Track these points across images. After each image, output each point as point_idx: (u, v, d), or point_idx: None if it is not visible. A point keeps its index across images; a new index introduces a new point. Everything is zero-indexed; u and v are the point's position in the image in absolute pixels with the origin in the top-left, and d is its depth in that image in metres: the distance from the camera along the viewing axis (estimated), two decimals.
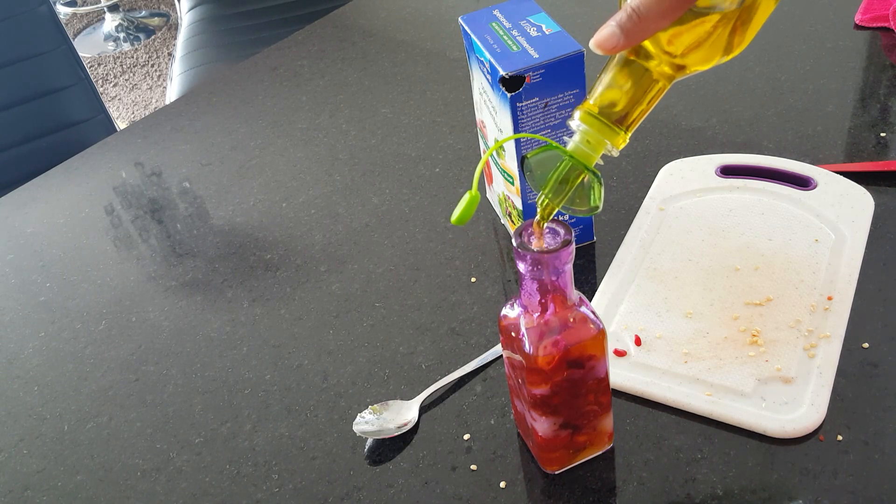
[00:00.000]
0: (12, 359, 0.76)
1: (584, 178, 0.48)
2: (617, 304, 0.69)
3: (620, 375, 0.63)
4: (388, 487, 0.60)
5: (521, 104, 0.65)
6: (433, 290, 0.75)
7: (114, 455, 0.66)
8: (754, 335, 0.64)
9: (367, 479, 0.61)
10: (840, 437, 0.58)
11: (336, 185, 0.89)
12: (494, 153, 0.73)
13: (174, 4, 3.19)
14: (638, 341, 0.65)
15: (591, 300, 0.70)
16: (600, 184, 0.48)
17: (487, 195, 0.82)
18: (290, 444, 0.64)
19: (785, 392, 0.60)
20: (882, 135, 0.82)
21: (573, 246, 0.47)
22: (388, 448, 0.62)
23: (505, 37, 0.67)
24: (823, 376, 0.61)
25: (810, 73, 0.92)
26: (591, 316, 0.52)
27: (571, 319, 0.51)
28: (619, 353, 0.65)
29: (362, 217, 0.84)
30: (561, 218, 0.49)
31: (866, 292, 0.67)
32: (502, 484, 0.59)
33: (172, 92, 1.65)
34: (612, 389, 0.62)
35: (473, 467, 0.60)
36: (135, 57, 3.06)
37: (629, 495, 0.57)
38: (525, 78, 0.64)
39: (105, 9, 3.23)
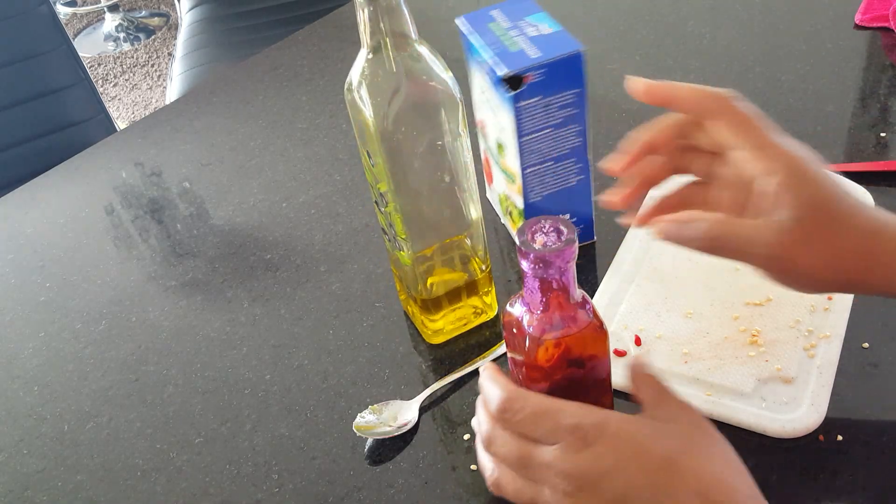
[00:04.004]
0: (12, 359, 0.76)
1: None
2: (617, 304, 0.69)
3: (620, 375, 0.63)
4: (388, 487, 0.60)
5: (521, 104, 0.65)
6: None
7: (114, 455, 0.66)
8: (754, 335, 0.64)
9: (367, 479, 0.61)
10: (840, 437, 0.58)
11: (336, 185, 0.89)
12: (495, 153, 0.73)
13: (174, 4, 3.19)
14: (638, 341, 0.65)
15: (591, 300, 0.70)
16: None
17: (487, 195, 0.82)
18: (290, 444, 0.64)
19: (785, 392, 0.60)
20: (882, 135, 0.82)
21: (576, 245, 0.47)
22: (388, 448, 0.62)
23: (504, 37, 0.67)
24: (823, 376, 0.61)
25: (810, 73, 0.92)
26: (594, 316, 0.52)
27: (573, 318, 0.51)
28: (619, 353, 0.65)
29: (362, 217, 0.84)
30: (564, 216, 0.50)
31: None
32: None
33: (172, 92, 1.65)
34: (613, 390, 0.62)
35: (473, 467, 0.60)
36: (135, 57, 3.06)
37: None
38: (526, 77, 0.64)
39: (105, 9, 3.23)
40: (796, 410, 0.59)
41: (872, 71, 0.91)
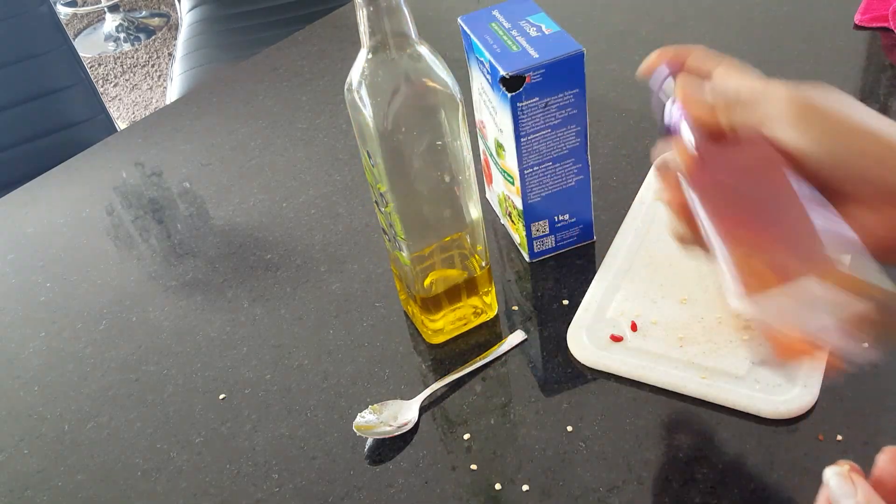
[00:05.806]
0: (13, 359, 0.76)
1: None
2: (613, 292, 0.70)
3: (617, 360, 0.64)
4: (388, 487, 0.60)
5: (521, 104, 0.65)
6: None
7: (114, 455, 0.66)
8: (748, 319, 0.65)
9: (367, 479, 0.61)
10: (840, 437, 0.58)
11: (336, 185, 0.89)
12: (494, 153, 0.73)
13: (174, 4, 3.19)
14: (634, 327, 0.66)
15: (587, 290, 0.70)
16: None
17: (487, 195, 0.82)
18: (290, 444, 0.64)
19: (778, 374, 0.61)
20: None
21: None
22: (388, 448, 0.62)
23: (505, 37, 0.67)
24: (815, 358, 0.61)
25: (810, 73, 0.92)
26: None
27: None
28: (616, 339, 0.66)
29: (362, 217, 0.84)
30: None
31: None
32: (500, 485, 0.59)
33: (173, 92, 1.65)
34: (610, 374, 0.64)
35: (473, 467, 0.60)
36: (135, 57, 3.06)
37: (629, 495, 0.57)
38: (525, 78, 0.64)
39: (105, 9, 3.23)
40: (790, 392, 0.60)
41: (872, 71, 0.91)
